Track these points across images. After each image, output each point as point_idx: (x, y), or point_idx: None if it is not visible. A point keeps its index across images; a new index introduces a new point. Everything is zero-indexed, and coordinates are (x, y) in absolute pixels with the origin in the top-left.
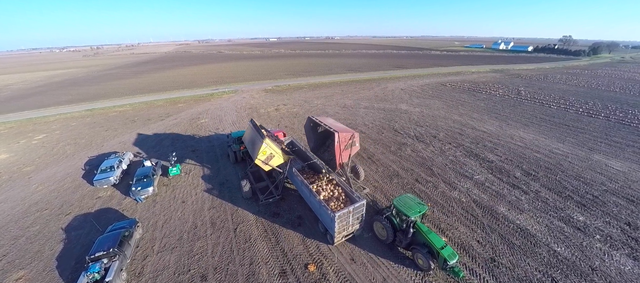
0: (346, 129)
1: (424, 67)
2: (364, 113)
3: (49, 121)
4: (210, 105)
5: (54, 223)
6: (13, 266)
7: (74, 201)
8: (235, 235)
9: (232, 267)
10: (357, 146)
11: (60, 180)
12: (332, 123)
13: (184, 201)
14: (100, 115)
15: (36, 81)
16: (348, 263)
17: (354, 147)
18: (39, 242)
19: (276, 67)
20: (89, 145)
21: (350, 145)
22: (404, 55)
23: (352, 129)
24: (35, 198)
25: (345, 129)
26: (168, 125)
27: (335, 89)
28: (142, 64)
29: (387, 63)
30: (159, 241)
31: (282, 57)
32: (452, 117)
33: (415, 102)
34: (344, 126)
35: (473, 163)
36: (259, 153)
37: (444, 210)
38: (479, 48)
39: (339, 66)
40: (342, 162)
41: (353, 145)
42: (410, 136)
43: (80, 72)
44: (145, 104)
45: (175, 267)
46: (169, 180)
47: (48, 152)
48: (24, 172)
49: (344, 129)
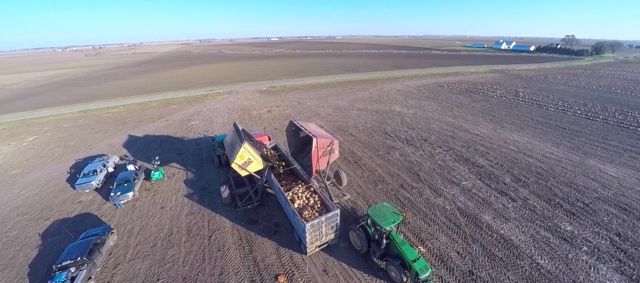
0: (326, 135)
1: (422, 68)
2: (357, 115)
3: (41, 122)
4: (203, 106)
5: (32, 229)
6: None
7: (55, 205)
8: (209, 243)
9: (201, 276)
10: (336, 154)
11: (44, 184)
12: (313, 128)
13: (163, 207)
14: (93, 116)
15: (36, 81)
16: (320, 275)
17: (333, 154)
18: (14, 248)
19: (274, 67)
20: (78, 148)
21: (328, 152)
22: (404, 55)
23: (342, 132)
24: (17, 201)
25: (325, 136)
26: (159, 127)
27: (330, 90)
28: (141, 64)
29: (386, 63)
30: (133, 249)
31: (282, 57)
32: (445, 119)
33: (410, 104)
34: (324, 132)
35: (462, 168)
36: (237, 157)
37: (426, 218)
38: (480, 48)
39: (337, 66)
40: (319, 168)
41: (332, 152)
42: (400, 140)
43: (81, 72)
44: (139, 105)
45: (144, 276)
46: (151, 184)
47: (36, 154)
48: (10, 175)
49: (323, 135)
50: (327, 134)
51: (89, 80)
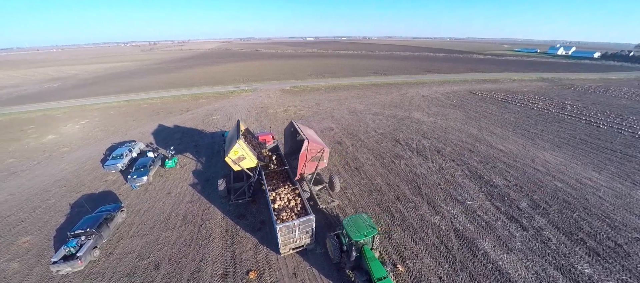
0: (318, 142)
1: (457, 73)
2: (371, 119)
3: (93, 108)
4: (227, 102)
5: (66, 199)
6: (25, 231)
7: (87, 181)
8: (199, 231)
9: (184, 260)
10: (324, 162)
11: (83, 162)
12: (309, 133)
13: (169, 193)
14: (133, 106)
15: (97, 72)
16: (289, 277)
17: (322, 162)
18: (49, 214)
19: (302, 67)
20: (116, 133)
21: (317, 158)
22: (440, 58)
23: (351, 136)
24: (61, 175)
25: (317, 142)
26: (184, 119)
27: (351, 92)
28: (184, 60)
29: (418, 66)
30: (136, 227)
31: (312, 57)
32: (468, 130)
33: (432, 111)
34: (318, 139)
35: (472, 185)
36: (231, 152)
37: (414, 236)
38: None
39: (365, 68)
40: (304, 172)
41: (321, 160)
42: (410, 149)
43: (134, 65)
44: (173, 98)
45: (139, 252)
46: (164, 171)
47: (84, 136)
48: (60, 152)
49: (315, 141)
50: (321, 141)
51: (139, 73)
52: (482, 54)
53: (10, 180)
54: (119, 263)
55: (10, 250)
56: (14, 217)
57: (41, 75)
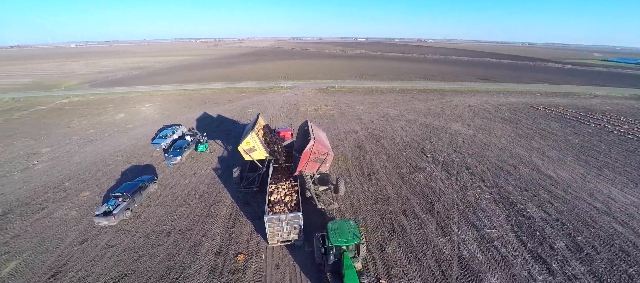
0: (325, 145)
1: (521, 83)
2: (401, 126)
3: (157, 95)
4: (264, 97)
5: (119, 167)
6: (86, 187)
7: (137, 154)
8: (209, 210)
9: (190, 233)
10: (327, 166)
11: (139, 138)
12: (319, 135)
13: (195, 173)
14: (188, 95)
15: (168, 64)
16: (271, 267)
17: (324, 165)
18: (105, 177)
19: (345, 67)
20: (169, 116)
21: (320, 160)
22: (503, 65)
23: (374, 141)
24: (121, 147)
25: (324, 145)
26: (225, 110)
27: (389, 96)
28: (240, 56)
29: (473, 73)
30: (161, 198)
31: (358, 57)
32: (513, 149)
33: (475, 124)
34: (326, 143)
35: (498, 212)
36: (243, 143)
37: (410, 254)
38: (630, 63)
39: (411, 71)
40: (305, 171)
41: (323, 163)
42: (435, 162)
43: (198, 59)
44: (220, 91)
45: (158, 219)
46: (196, 154)
47: (145, 117)
48: (126, 128)
49: (322, 143)
50: (327, 145)
51: (200, 66)
52: (561, 63)
53: (87, 146)
54: (142, 225)
55: (74, 200)
56: (82, 176)
57: (128, 64)
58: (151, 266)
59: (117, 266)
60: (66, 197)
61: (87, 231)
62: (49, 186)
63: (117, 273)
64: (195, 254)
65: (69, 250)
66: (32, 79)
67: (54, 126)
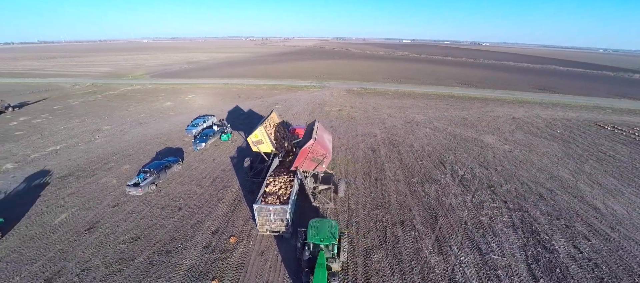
0: (325, 147)
1: (591, 96)
2: (425, 134)
3: (200, 87)
4: (293, 95)
5: (156, 147)
6: (128, 161)
7: (172, 138)
8: (217, 193)
9: (197, 211)
10: (323, 167)
11: (176, 124)
12: (322, 136)
13: (214, 160)
14: (226, 89)
15: (217, 60)
16: (255, 253)
17: (320, 166)
18: (144, 154)
19: (382, 69)
20: (204, 107)
21: (318, 161)
22: (573, 75)
23: (391, 147)
24: (161, 131)
25: (324, 147)
26: (255, 104)
27: (420, 101)
28: (282, 55)
29: (528, 81)
30: (182, 178)
31: (399, 60)
32: (555, 171)
33: (514, 138)
34: (327, 145)
35: (514, 239)
36: (252, 135)
37: (395, 267)
38: None
39: (453, 76)
40: (301, 168)
41: (320, 164)
42: (454, 175)
43: (243, 56)
44: (255, 86)
45: (174, 196)
46: (219, 143)
47: (186, 106)
48: (169, 114)
49: (323, 145)
50: (328, 147)
51: (243, 63)
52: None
53: (136, 128)
54: (161, 199)
55: (117, 171)
56: (127, 152)
57: (184, 59)
58: (160, 234)
59: (134, 229)
60: (111, 168)
61: (120, 197)
62: (101, 158)
63: (134, 235)
64: (196, 230)
65: (103, 211)
66: (110, 68)
67: (116, 109)
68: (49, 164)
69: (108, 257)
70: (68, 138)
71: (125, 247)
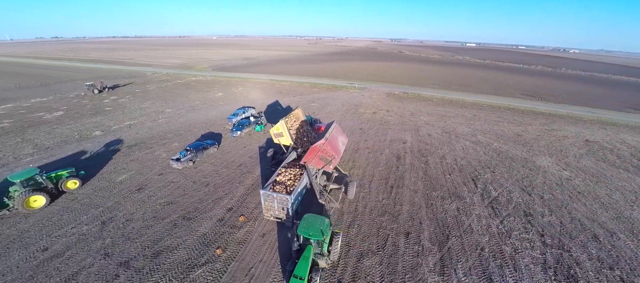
0: (336, 150)
1: None
2: (463, 147)
3: (250, 81)
4: (332, 95)
5: (202, 131)
6: (177, 140)
7: (215, 124)
8: (240, 177)
9: (219, 190)
10: (330, 168)
11: (223, 113)
12: (336, 138)
13: (245, 147)
14: (270, 84)
15: (271, 57)
16: (258, 234)
17: (328, 166)
18: (190, 135)
19: (434, 74)
20: (248, 99)
21: (326, 160)
22: None
23: (420, 156)
24: (209, 117)
25: (335, 149)
26: (293, 101)
27: (467, 111)
28: (332, 55)
29: (623, 99)
30: (215, 159)
31: (455, 65)
32: (627, 212)
33: (580, 165)
34: (338, 147)
35: (539, 279)
36: (274, 127)
37: (386, 276)
38: None
39: (519, 87)
40: (309, 163)
41: (328, 164)
42: (484, 196)
43: (294, 54)
44: (298, 84)
45: (205, 174)
46: (253, 133)
47: (233, 98)
48: (219, 103)
49: (334, 147)
50: (339, 150)
51: (294, 61)
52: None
53: (190, 113)
54: (195, 174)
55: (167, 147)
56: (179, 132)
57: (243, 55)
58: (187, 202)
59: (169, 195)
60: (165, 144)
61: (165, 168)
62: (159, 135)
63: (167, 200)
64: (215, 205)
65: (151, 177)
66: (182, 61)
67: (179, 96)
68: (123, 135)
69: (146, 214)
70: (140, 116)
71: (160, 208)
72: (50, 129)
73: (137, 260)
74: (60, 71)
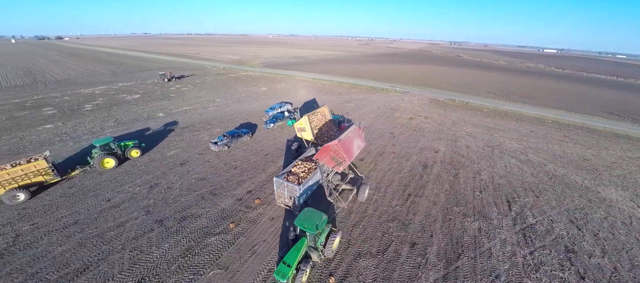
0: (349, 152)
1: None
2: (507, 164)
3: (293, 79)
4: (369, 97)
5: (241, 120)
6: (219, 126)
7: (254, 115)
8: (265, 163)
9: (245, 174)
10: (340, 168)
11: (263, 106)
12: (351, 141)
13: (275, 138)
14: (312, 83)
15: (319, 56)
16: (267, 217)
17: (338, 166)
18: (231, 123)
19: (493, 82)
20: (288, 95)
21: (337, 161)
22: None
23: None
24: (250, 109)
25: (348, 151)
26: (330, 99)
27: (523, 126)
28: (381, 56)
29: None
30: (247, 146)
31: (523, 73)
32: None
33: None
34: (351, 150)
35: None
36: (297, 122)
37: (382, 280)
38: None
39: (601, 102)
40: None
41: (339, 165)
42: (517, 220)
43: (343, 55)
44: (338, 84)
45: (237, 158)
46: (285, 126)
47: (276, 92)
48: (261, 98)
49: (348, 149)
50: (352, 153)
51: (341, 61)
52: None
53: (236, 104)
54: (227, 157)
55: (211, 131)
56: (222, 119)
57: (293, 54)
58: (216, 180)
59: (204, 172)
60: (209, 128)
61: (205, 149)
62: (207, 120)
63: (201, 176)
64: (238, 186)
65: (193, 155)
66: (238, 57)
67: (229, 88)
68: (179, 118)
69: (183, 185)
70: (195, 103)
71: (194, 182)
72: (128, 108)
73: (169, 221)
74: (142, 62)
